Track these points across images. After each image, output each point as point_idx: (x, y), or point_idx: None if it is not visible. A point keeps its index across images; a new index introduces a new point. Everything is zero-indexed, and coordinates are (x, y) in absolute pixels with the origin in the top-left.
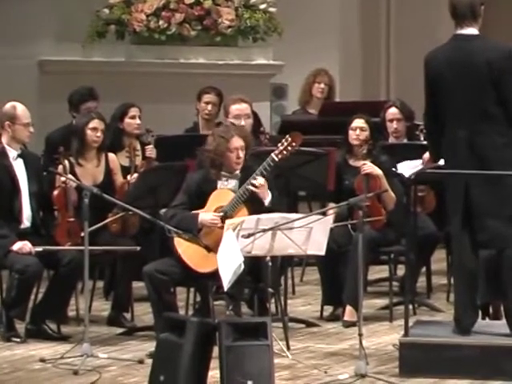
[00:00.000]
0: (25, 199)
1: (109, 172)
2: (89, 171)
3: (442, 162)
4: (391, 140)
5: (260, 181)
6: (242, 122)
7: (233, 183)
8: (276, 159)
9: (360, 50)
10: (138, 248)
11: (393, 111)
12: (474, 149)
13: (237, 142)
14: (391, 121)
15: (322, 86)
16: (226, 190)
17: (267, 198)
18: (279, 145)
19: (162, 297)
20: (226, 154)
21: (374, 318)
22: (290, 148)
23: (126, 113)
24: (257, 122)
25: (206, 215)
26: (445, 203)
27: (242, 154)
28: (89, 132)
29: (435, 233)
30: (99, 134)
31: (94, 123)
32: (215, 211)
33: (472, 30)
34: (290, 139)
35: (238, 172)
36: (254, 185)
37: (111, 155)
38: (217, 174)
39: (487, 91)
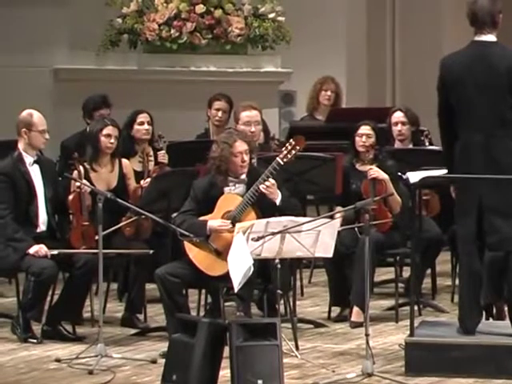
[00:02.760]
0: (41, 204)
1: (122, 177)
2: (103, 176)
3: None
4: (396, 145)
5: (270, 181)
6: (253, 129)
7: (240, 187)
8: (281, 163)
9: (366, 56)
10: (151, 251)
11: (398, 115)
12: (489, 153)
13: (240, 146)
14: (396, 124)
15: (329, 93)
16: (233, 195)
17: (278, 198)
18: (283, 149)
19: (173, 298)
20: (230, 159)
21: (381, 318)
22: (293, 151)
23: (134, 119)
24: (265, 129)
25: (214, 221)
26: (452, 205)
27: (246, 157)
28: (103, 138)
29: (440, 235)
30: (113, 140)
31: (108, 130)
32: (223, 216)
33: (491, 37)
34: (293, 143)
35: (244, 176)
36: (263, 186)
37: (125, 161)
38: (223, 180)
39: (505, 97)
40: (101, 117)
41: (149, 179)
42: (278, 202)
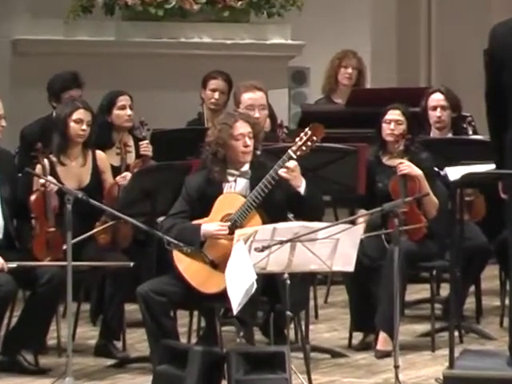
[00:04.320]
0: None
1: (97, 173)
2: (73, 172)
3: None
4: (433, 133)
5: (292, 164)
6: (256, 114)
7: (242, 183)
8: (294, 156)
9: (396, 27)
10: (131, 264)
11: (437, 97)
12: None
13: (242, 127)
14: (434, 108)
15: (350, 70)
16: (233, 194)
17: (302, 186)
18: (297, 139)
19: (159, 322)
20: (229, 143)
21: (413, 346)
22: (310, 143)
23: (114, 103)
24: (271, 114)
25: (209, 225)
26: (500, 208)
27: (249, 141)
28: (72, 124)
29: (485, 245)
30: (85, 126)
31: (79, 114)
32: (222, 220)
33: None
34: (310, 132)
35: (247, 168)
36: (284, 170)
37: (99, 153)
38: (221, 172)
39: None
40: (70, 99)
41: (127, 174)
42: (302, 190)
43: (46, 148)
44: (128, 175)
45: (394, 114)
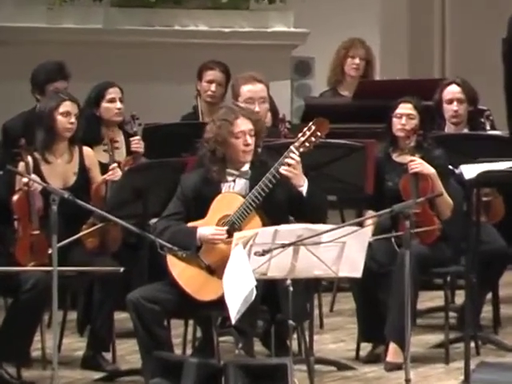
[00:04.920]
0: None
1: (84, 170)
2: (58, 170)
3: None
4: (448, 129)
5: (293, 160)
6: (257, 108)
7: (241, 184)
8: (296, 153)
9: (407, 15)
10: (121, 269)
11: (453, 89)
12: None
13: (243, 124)
14: (450, 102)
15: (357, 60)
16: (232, 194)
17: (304, 185)
18: (300, 135)
19: (152, 332)
20: (229, 140)
21: (426, 358)
22: (313, 139)
23: (103, 95)
24: (272, 108)
25: (206, 229)
26: None
27: (250, 139)
28: (59, 118)
29: (504, 249)
30: (73, 119)
31: (66, 106)
32: (219, 222)
33: None
34: (313, 127)
35: (247, 167)
36: (285, 168)
37: (86, 149)
38: (220, 172)
39: None
40: (55, 91)
41: (115, 167)
42: (304, 190)
43: (30, 144)
44: (117, 170)
45: (405, 108)
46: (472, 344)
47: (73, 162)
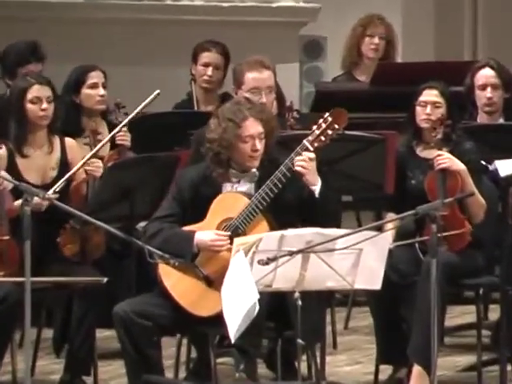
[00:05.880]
0: None
1: (66, 165)
2: (36, 164)
3: None
4: (481, 118)
5: (308, 155)
6: (263, 99)
7: (245, 187)
8: (310, 148)
9: None
10: (105, 279)
11: (487, 73)
12: None
13: (253, 126)
14: (484, 88)
15: (376, 40)
16: (235, 194)
17: (317, 185)
18: (314, 127)
19: (141, 351)
20: (236, 145)
21: (455, 383)
22: (330, 132)
23: (83, 80)
24: (278, 95)
25: (205, 234)
26: None
27: (259, 144)
28: (29, 106)
29: None
30: (45, 105)
31: (35, 91)
32: (220, 226)
33: None
34: (330, 119)
35: (254, 170)
36: (299, 164)
37: (70, 140)
38: (223, 175)
39: None
40: (28, 74)
41: (96, 161)
42: (317, 191)
43: (1, 136)
44: (98, 163)
45: (430, 95)
46: (509, 367)
47: (53, 154)
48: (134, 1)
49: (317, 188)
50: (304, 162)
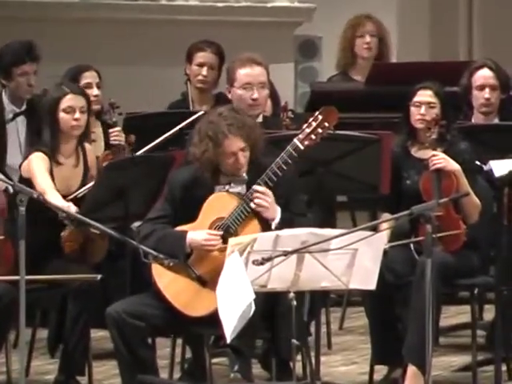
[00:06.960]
0: None
1: (87, 173)
2: (64, 174)
3: None
4: (476, 118)
5: (260, 189)
6: (255, 95)
7: (237, 189)
8: (301, 147)
9: None
10: (99, 276)
11: (485, 74)
12: None
13: (233, 144)
14: (482, 88)
15: (368, 38)
16: (227, 195)
17: (276, 217)
18: (305, 126)
19: (134, 352)
20: (219, 160)
21: (450, 383)
22: (320, 130)
23: (77, 80)
24: (273, 95)
25: (197, 233)
26: None
27: (243, 157)
28: (62, 115)
29: None
30: (77, 115)
31: (68, 101)
32: (212, 226)
33: None
34: (320, 117)
35: (244, 174)
36: (252, 196)
37: (88, 147)
38: (213, 178)
39: None
40: (23, 74)
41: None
42: (273, 223)
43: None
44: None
45: (424, 95)
46: (503, 367)
47: (79, 165)
48: (128, 1)
49: (274, 221)
50: (260, 199)
